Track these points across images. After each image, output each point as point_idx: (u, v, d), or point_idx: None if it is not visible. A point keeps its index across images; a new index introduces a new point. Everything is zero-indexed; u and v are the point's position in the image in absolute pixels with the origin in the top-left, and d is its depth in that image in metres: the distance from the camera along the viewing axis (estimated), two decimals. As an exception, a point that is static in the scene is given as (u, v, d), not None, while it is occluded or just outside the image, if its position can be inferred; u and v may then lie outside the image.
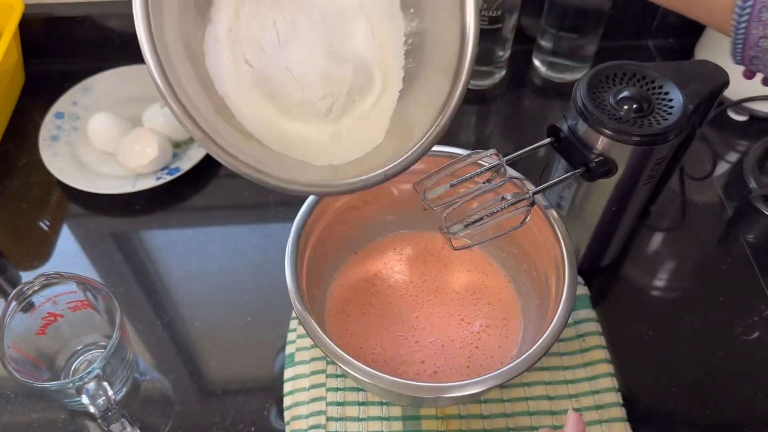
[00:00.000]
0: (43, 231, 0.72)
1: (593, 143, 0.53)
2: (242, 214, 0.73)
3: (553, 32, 0.79)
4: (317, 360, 0.59)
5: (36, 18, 0.81)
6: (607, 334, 0.62)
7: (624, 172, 0.54)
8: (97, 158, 0.75)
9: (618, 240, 0.64)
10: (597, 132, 0.52)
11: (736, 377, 0.61)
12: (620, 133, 0.51)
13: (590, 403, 0.58)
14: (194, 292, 0.66)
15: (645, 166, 0.54)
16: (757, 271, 0.68)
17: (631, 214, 0.60)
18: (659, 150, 0.53)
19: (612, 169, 0.53)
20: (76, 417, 0.59)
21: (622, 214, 0.60)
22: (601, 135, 0.52)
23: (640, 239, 0.70)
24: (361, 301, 0.62)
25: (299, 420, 0.57)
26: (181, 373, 0.61)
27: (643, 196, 0.59)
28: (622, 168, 0.54)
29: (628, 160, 0.53)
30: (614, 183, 0.55)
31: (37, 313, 0.56)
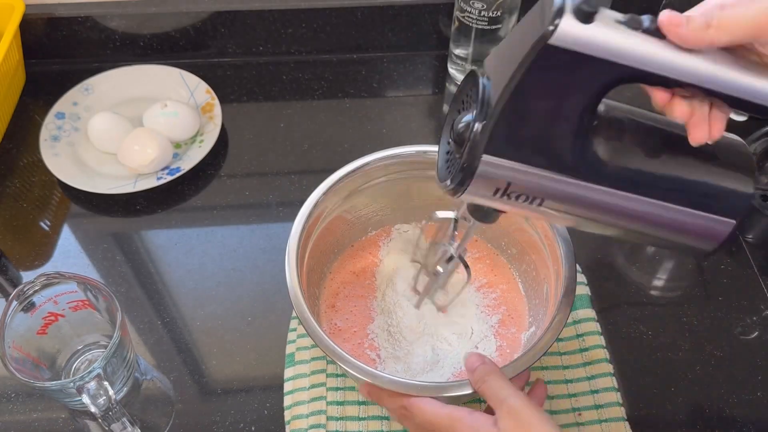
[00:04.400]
0: (44, 231, 0.72)
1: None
2: (242, 214, 0.73)
3: (552, 32, 0.79)
4: (317, 359, 0.59)
5: (37, 18, 0.81)
6: (607, 333, 0.62)
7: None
8: (97, 158, 0.75)
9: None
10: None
11: (736, 377, 0.61)
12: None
13: (590, 402, 0.58)
14: (194, 292, 0.66)
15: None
16: (756, 271, 0.68)
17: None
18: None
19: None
20: (77, 416, 0.59)
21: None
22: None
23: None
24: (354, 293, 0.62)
25: (299, 419, 0.57)
26: (182, 373, 0.61)
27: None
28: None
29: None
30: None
31: (37, 313, 0.56)
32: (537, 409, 0.43)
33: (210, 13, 0.83)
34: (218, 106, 0.78)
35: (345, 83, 0.85)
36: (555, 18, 0.35)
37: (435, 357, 0.57)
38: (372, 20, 0.84)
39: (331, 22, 0.84)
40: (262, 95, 0.84)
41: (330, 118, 0.81)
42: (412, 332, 0.58)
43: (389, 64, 0.87)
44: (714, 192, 0.43)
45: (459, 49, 0.81)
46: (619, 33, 0.36)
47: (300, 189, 0.74)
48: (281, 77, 0.85)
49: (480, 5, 0.73)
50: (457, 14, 0.77)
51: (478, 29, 0.76)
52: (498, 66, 0.40)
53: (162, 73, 0.82)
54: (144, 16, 0.83)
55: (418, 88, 0.85)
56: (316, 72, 0.86)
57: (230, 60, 0.87)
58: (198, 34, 0.85)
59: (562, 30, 0.35)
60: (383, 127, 0.80)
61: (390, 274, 0.63)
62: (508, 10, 0.74)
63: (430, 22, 0.85)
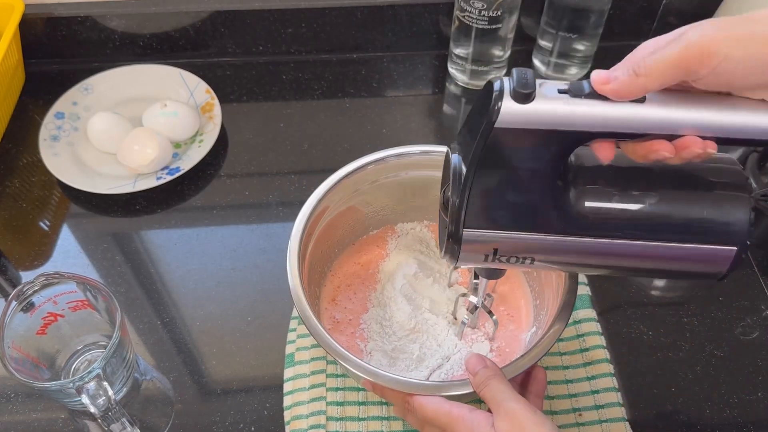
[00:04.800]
0: (44, 231, 0.72)
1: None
2: (242, 214, 0.73)
3: (552, 32, 0.79)
4: (317, 360, 0.59)
5: (36, 18, 0.81)
6: (608, 334, 0.62)
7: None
8: (97, 158, 0.75)
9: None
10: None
11: (736, 377, 0.61)
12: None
13: (590, 402, 0.58)
14: (194, 292, 0.66)
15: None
16: (757, 271, 0.68)
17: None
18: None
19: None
20: (77, 417, 0.59)
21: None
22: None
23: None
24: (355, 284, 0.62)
25: (299, 420, 0.57)
26: (182, 373, 0.61)
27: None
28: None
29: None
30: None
31: (37, 313, 0.56)
32: (534, 412, 0.44)
33: (210, 13, 0.83)
34: (218, 106, 0.78)
35: (345, 83, 0.85)
36: (495, 103, 0.38)
37: (421, 355, 0.57)
38: (372, 20, 0.84)
39: (331, 22, 0.84)
40: (262, 95, 0.84)
41: (330, 118, 0.81)
42: (402, 328, 0.58)
43: (389, 64, 0.87)
44: (708, 223, 0.42)
45: (459, 48, 0.81)
46: (560, 104, 0.38)
47: (300, 189, 0.74)
48: (281, 77, 0.85)
49: (480, 5, 0.73)
50: (457, 14, 0.77)
51: (478, 29, 0.76)
52: (464, 143, 0.42)
53: (162, 72, 0.82)
54: (144, 15, 0.83)
55: (418, 88, 0.85)
56: (316, 72, 0.86)
57: (230, 60, 0.87)
58: (198, 34, 0.85)
59: (504, 113, 0.38)
60: (383, 127, 0.80)
61: (393, 270, 0.63)
62: (508, 9, 0.74)
63: (430, 22, 0.85)
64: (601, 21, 0.78)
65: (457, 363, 0.57)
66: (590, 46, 0.81)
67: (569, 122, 0.38)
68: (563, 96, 0.38)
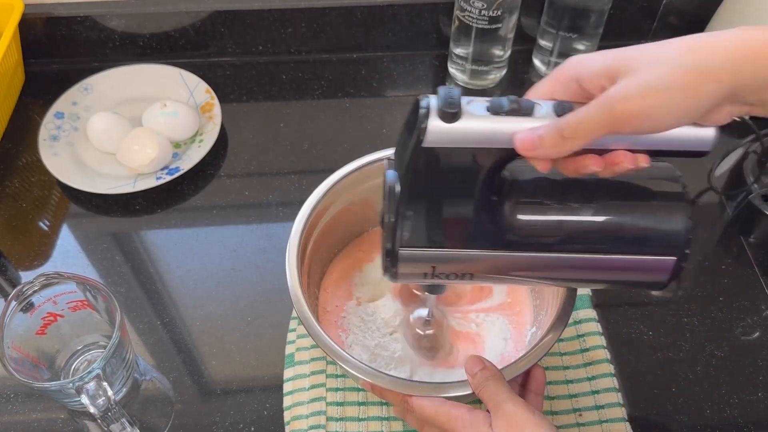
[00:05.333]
0: (43, 231, 0.72)
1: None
2: (242, 214, 0.73)
3: (552, 32, 0.79)
4: (317, 360, 0.59)
5: (36, 18, 0.81)
6: (608, 334, 0.62)
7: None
8: (97, 158, 0.75)
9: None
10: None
11: (736, 377, 0.61)
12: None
13: (590, 403, 0.58)
14: (194, 292, 0.66)
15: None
16: (757, 271, 0.68)
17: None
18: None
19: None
20: (76, 417, 0.59)
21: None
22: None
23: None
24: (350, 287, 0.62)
25: (299, 420, 0.56)
26: (181, 373, 0.61)
27: None
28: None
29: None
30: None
31: (37, 313, 0.56)
32: (533, 412, 0.44)
33: (210, 13, 0.83)
34: (218, 106, 0.78)
35: (345, 83, 0.85)
36: (422, 123, 0.37)
37: (403, 356, 0.57)
38: (372, 20, 0.84)
39: (331, 22, 0.84)
40: (261, 95, 0.84)
41: (330, 118, 0.81)
42: (386, 325, 0.58)
43: (389, 64, 0.87)
44: (646, 234, 0.41)
45: (459, 48, 0.81)
46: (486, 122, 0.37)
47: (300, 189, 0.74)
48: (281, 77, 0.85)
49: (480, 4, 0.73)
50: (458, 13, 0.76)
51: (478, 29, 0.76)
52: (398, 159, 0.41)
53: (161, 72, 0.81)
54: (143, 15, 0.83)
55: (418, 88, 0.85)
56: (316, 72, 0.86)
57: (230, 60, 0.87)
58: (198, 34, 0.85)
59: (431, 132, 0.37)
60: (383, 127, 0.80)
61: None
62: (508, 9, 0.74)
63: (430, 22, 0.85)
64: (602, 21, 0.78)
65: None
66: (590, 45, 0.81)
67: (495, 140, 0.38)
68: (488, 115, 0.38)
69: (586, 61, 0.38)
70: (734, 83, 0.35)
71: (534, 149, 0.37)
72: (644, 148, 0.38)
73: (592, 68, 0.37)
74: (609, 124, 0.36)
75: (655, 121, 0.35)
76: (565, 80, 0.39)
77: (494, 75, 0.83)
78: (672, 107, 0.35)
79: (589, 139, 0.36)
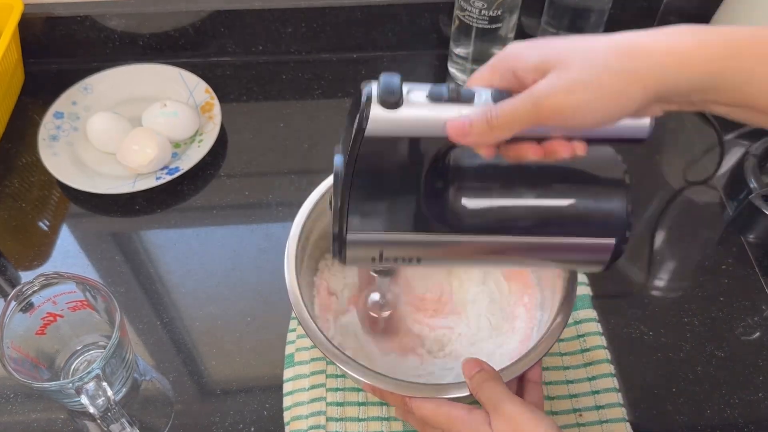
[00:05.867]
0: (43, 231, 0.72)
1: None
2: (242, 214, 0.73)
3: (553, 32, 0.79)
4: (317, 360, 0.59)
5: (36, 17, 0.81)
6: (608, 334, 0.62)
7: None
8: (96, 158, 0.75)
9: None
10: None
11: (736, 377, 0.61)
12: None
13: (590, 403, 0.57)
14: (194, 292, 0.66)
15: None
16: (757, 271, 0.68)
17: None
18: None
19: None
20: (76, 417, 0.59)
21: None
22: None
23: (640, 239, 0.70)
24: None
25: (299, 420, 0.56)
26: (181, 373, 0.61)
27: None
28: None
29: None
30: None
31: (36, 313, 0.56)
32: (531, 410, 0.44)
33: (210, 13, 0.83)
34: (218, 106, 0.78)
35: (345, 83, 0.85)
36: (364, 110, 0.38)
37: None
38: (372, 20, 0.84)
39: (331, 22, 0.84)
40: (261, 95, 0.84)
41: (330, 118, 0.81)
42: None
43: (389, 63, 0.87)
44: (586, 217, 0.42)
45: (459, 48, 0.80)
46: (425, 110, 0.38)
47: (300, 189, 0.74)
48: (281, 77, 0.85)
49: (480, 4, 0.73)
50: (458, 13, 0.76)
51: (478, 28, 0.76)
52: (344, 144, 0.42)
53: (161, 72, 0.81)
54: (143, 15, 0.83)
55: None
56: (316, 72, 0.86)
57: (230, 59, 0.87)
58: (197, 34, 0.85)
59: (373, 120, 0.38)
60: (383, 126, 0.80)
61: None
62: (508, 9, 0.74)
63: (430, 22, 0.85)
64: (602, 21, 0.78)
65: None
66: (590, 45, 0.81)
67: (434, 128, 0.38)
68: (428, 102, 0.38)
69: (521, 53, 0.39)
70: (659, 88, 0.35)
71: (464, 136, 0.38)
72: (581, 136, 0.38)
73: (526, 62, 0.38)
74: (535, 117, 0.36)
75: (579, 118, 0.36)
76: (502, 70, 0.39)
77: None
78: (597, 107, 0.35)
79: (516, 129, 0.37)
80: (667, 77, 0.35)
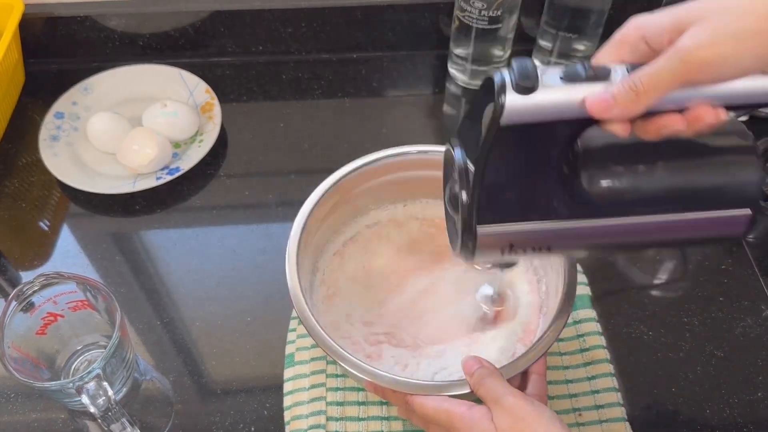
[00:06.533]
0: (43, 231, 0.72)
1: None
2: (242, 214, 0.73)
3: (552, 32, 0.79)
4: (317, 360, 0.59)
5: (36, 18, 0.81)
6: (608, 334, 0.62)
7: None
8: (97, 158, 0.75)
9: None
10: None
11: (736, 377, 0.61)
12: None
13: (590, 402, 0.58)
14: (194, 292, 0.66)
15: None
16: (757, 271, 0.68)
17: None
18: None
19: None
20: (76, 417, 0.59)
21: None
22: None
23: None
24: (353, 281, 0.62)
25: (299, 420, 0.56)
26: (181, 373, 0.61)
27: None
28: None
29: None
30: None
31: (37, 313, 0.56)
32: (532, 402, 0.44)
33: (210, 13, 0.83)
34: (218, 106, 0.78)
35: (345, 83, 0.85)
36: (498, 98, 0.36)
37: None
38: (372, 20, 0.84)
39: (331, 22, 0.84)
40: (261, 95, 0.84)
41: (330, 118, 0.81)
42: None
43: (389, 63, 0.87)
44: (720, 189, 0.42)
45: (459, 48, 0.81)
46: (563, 92, 0.37)
47: (300, 189, 0.73)
48: (281, 77, 0.85)
49: (480, 4, 0.73)
50: (458, 13, 0.76)
51: (478, 29, 0.76)
52: (467, 137, 0.41)
53: (161, 72, 0.81)
54: (143, 15, 0.83)
55: (418, 88, 0.85)
56: (316, 72, 0.86)
57: (230, 59, 0.87)
58: (197, 34, 0.85)
59: (509, 108, 0.36)
60: (383, 127, 0.80)
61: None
62: (508, 9, 0.74)
63: (430, 22, 0.85)
64: (602, 21, 0.78)
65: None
66: (590, 46, 0.81)
67: (574, 110, 0.37)
68: (563, 84, 0.37)
69: (649, 20, 0.38)
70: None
71: (608, 109, 0.36)
72: (719, 102, 0.37)
73: (660, 23, 0.37)
74: (683, 74, 0.35)
75: (728, 68, 0.35)
76: (632, 41, 0.38)
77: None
78: (744, 53, 0.35)
79: (663, 91, 0.36)
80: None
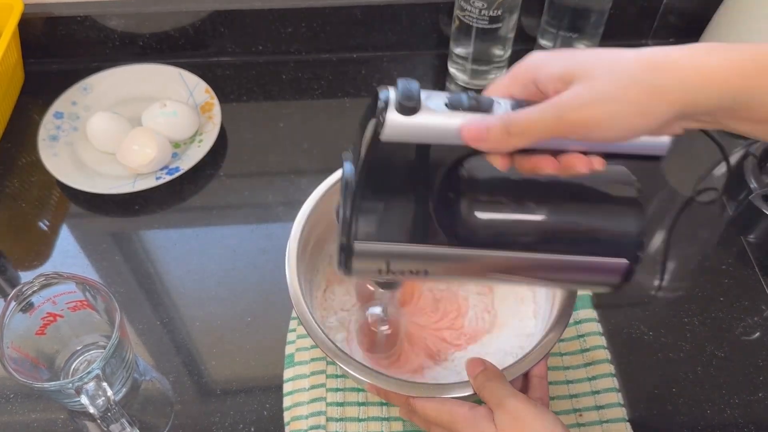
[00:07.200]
0: (43, 231, 0.72)
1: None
2: (242, 214, 0.73)
3: (553, 32, 0.79)
4: (317, 360, 0.59)
5: (36, 17, 0.81)
6: (608, 334, 0.62)
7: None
8: (96, 158, 0.75)
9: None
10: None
11: (736, 377, 0.61)
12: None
13: (590, 403, 0.57)
14: (194, 292, 0.66)
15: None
16: (757, 271, 0.68)
17: None
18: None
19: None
20: (76, 417, 0.59)
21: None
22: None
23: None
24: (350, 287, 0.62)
25: (299, 420, 0.56)
26: (181, 373, 0.61)
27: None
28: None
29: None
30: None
31: (36, 313, 0.56)
32: (534, 405, 0.44)
33: (209, 13, 0.83)
34: (218, 106, 0.78)
35: (345, 83, 0.85)
36: (380, 115, 0.36)
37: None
38: (372, 20, 0.84)
39: (331, 22, 0.84)
40: (261, 95, 0.84)
41: (330, 118, 0.81)
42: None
43: (389, 63, 0.87)
44: (599, 236, 0.42)
45: (459, 48, 0.80)
46: (443, 118, 0.37)
47: (300, 189, 0.74)
48: (281, 77, 0.85)
49: (480, 4, 0.73)
50: (458, 13, 0.76)
51: (478, 28, 0.76)
52: (355, 151, 0.40)
53: (161, 72, 0.81)
54: (143, 15, 0.83)
55: (418, 88, 0.85)
56: (315, 72, 0.86)
57: (230, 59, 0.87)
58: (197, 34, 0.85)
59: (389, 126, 0.36)
60: (383, 126, 0.80)
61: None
62: (508, 9, 0.74)
63: (430, 22, 0.85)
64: (602, 21, 0.78)
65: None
66: (591, 45, 0.81)
67: (453, 137, 0.37)
68: (445, 110, 0.37)
69: (544, 62, 0.38)
70: (685, 105, 0.35)
71: (481, 140, 0.36)
72: (599, 151, 0.38)
73: (551, 71, 0.37)
74: (556, 129, 0.35)
75: (602, 132, 0.35)
76: (523, 80, 0.38)
77: (495, 75, 0.83)
78: (621, 121, 0.35)
79: (534, 139, 0.36)
80: (693, 94, 0.34)
